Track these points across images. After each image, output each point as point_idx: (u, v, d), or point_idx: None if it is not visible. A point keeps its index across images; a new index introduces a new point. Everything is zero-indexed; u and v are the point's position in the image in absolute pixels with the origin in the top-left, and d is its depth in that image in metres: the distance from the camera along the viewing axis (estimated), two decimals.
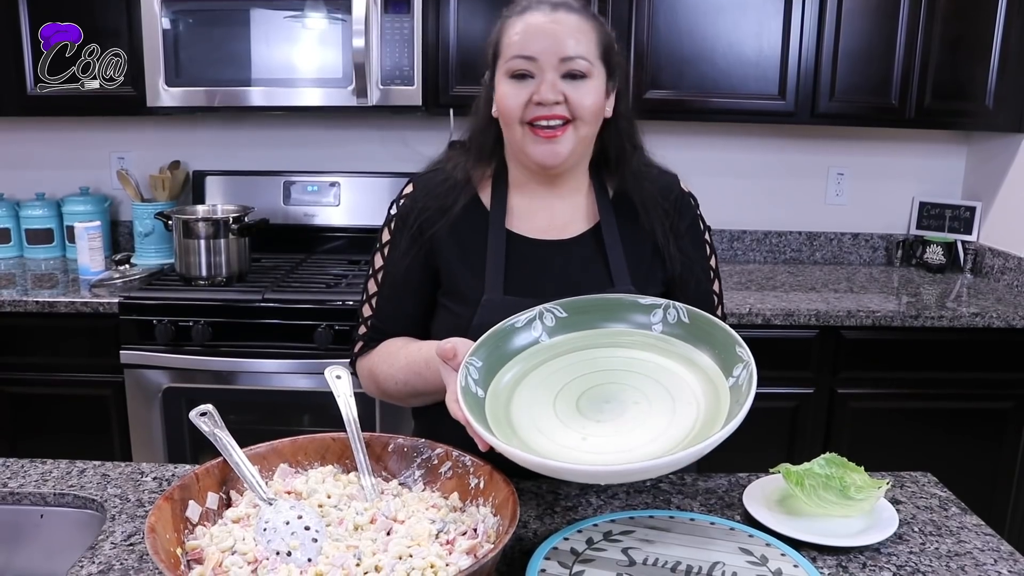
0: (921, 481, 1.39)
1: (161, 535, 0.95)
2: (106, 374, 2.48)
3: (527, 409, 1.09)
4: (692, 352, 1.13)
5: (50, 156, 3.13)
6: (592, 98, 1.28)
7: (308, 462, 1.16)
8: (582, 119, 1.28)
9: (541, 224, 1.38)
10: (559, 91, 1.25)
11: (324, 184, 3.00)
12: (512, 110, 1.28)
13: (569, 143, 1.29)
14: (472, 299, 1.32)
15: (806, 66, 2.70)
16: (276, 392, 2.47)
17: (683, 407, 1.06)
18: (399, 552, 0.95)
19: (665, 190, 1.41)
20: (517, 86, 1.27)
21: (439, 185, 1.39)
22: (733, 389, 1.03)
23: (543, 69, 1.26)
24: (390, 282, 1.41)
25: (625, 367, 1.13)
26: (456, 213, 1.36)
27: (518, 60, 1.27)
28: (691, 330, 1.14)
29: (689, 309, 1.16)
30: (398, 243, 1.40)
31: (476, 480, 1.10)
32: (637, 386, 1.10)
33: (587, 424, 1.05)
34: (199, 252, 2.59)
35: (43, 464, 1.37)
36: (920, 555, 1.15)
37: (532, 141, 1.28)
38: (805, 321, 2.48)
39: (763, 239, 3.20)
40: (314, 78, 2.62)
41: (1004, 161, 2.96)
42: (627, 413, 1.06)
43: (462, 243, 1.36)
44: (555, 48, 1.25)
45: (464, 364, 1.09)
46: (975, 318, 2.49)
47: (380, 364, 1.38)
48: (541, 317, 1.19)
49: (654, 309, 1.18)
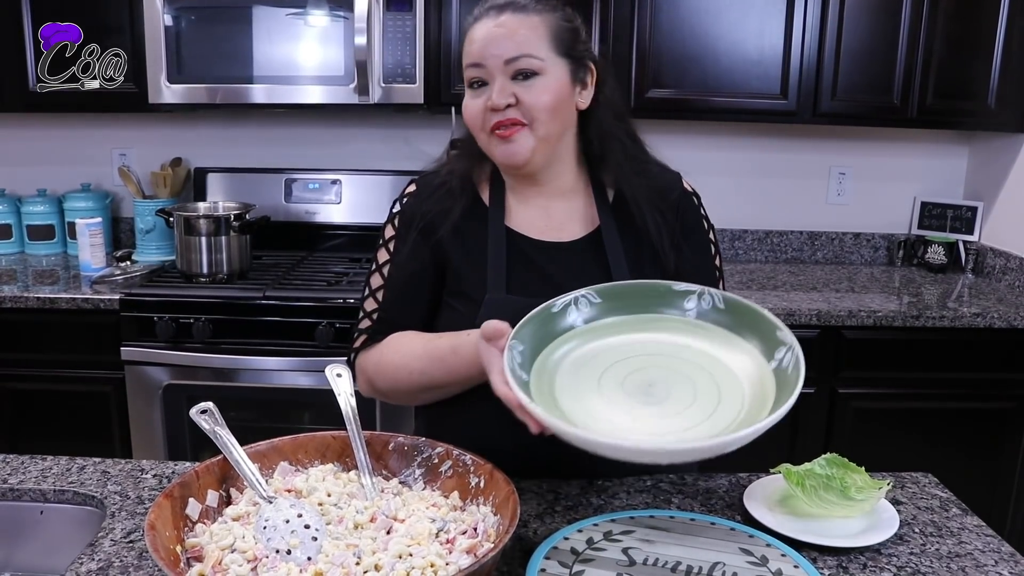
0: (922, 482, 1.39)
1: (161, 532, 0.95)
2: (107, 371, 2.48)
3: (572, 391, 1.09)
4: (730, 337, 1.12)
5: (52, 152, 3.13)
6: (547, 95, 1.27)
7: (308, 460, 1.16)
8: (536, 118, 1.27)
9: (539, 224, 1.37)
10: (509, 94, 1.26)
11: (325, 182, 3.00)
12: (473, 119, 1.31)
13: (527, 142, 1.28)
14: (475, 298, 1.32)
15: (808, 65, 2.70)
16: (277, 390, 2.47)
17: (728, 389, 1.06)
18: (399, 551, 0.95)
19: (666, 189, 1.39)
20: (474, 95, 1.30)
21: (440, 187, 1.39)
22: (777, 372, 1.03)
23: (492, 75, 1.28)
24: (398, 276, 1.40)
25: (665, 352, 1.14)
26: (458, 214, 1.36)
27: (471, 69, 1.30)
28: (727, 316, 1.14)
29: (724, 295, 1.16)
30: (404, 240, 1.39)
31: (476, 479, 1.10)
32: (679, 369, 1.10)
33: (635, 405, 1.06)
34: (200, 249, 2.59)
35: (43, 461, 1.37)
36: (921, 556, 1.15)
37: (495, 144, 1.30)
38: (806, 321, 2.47)
39: (764, 238, 3.20)
40: (316, 75, 2.62)
41: (1006, 161, 2.96)
42: (673, 395, 1.07)
43: (465, 242, 1.36)
44: (498, 51, 1.26)
45: (508, 347, 1.08)
46: (976, 318, 2.49)
47: (391, 355, 1.35)
48: (576, 303, 1.19)
49: (688, 295, 1.18)
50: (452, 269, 1.37)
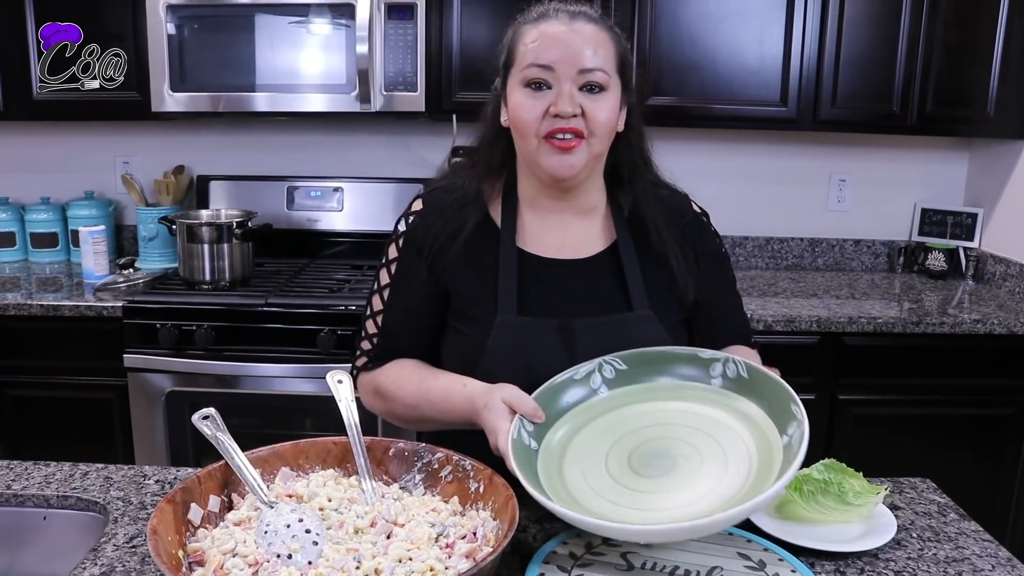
0: (920, 487, 1.39)
1: (163, 537, 0.96)
2: (109, 377, 2.49)
3: (579, 463, 1.09)
4: (749, 407, 1.12)
5: (55, 160, 3.15)
6: (608, 112, 1.25)
7: (309, 466, 1.17)
8: (596, 135, 1.25)
9: (554, 243, 1.35)
10: (577, 103, 1.22)
11: (327, 189, 3.01)
12: (528, 122, 1.24)
13: (583, 156, 1.25)
14: (485, 321, 1.29)
15: (808, 73, 2.71)
16: (279, 396, 2.47)
17: (735, 463, 1.05)
18: (399, 555, 0.96)
19: (677, 212, 1.39)
20: (533, 97, 1.24)
21: (450, 205, 1.35)
22: (786, 448, 1.02)
23: (560, 79, 1.22)
24: (399, 303, 1.37)
25: (681, 421, 1.13)
26: (467, 235, 1.33)
27: (534, 69, 1.23)
28: (749, 385, 1.14)
29: (748, 364, 1.15)
30: (407, 263, 1.36)
31: (476, 484, 1.10)
32: (690, 440, 1.10)
33: (638, 480, 1.06)
34: (203, 256, 2.60)
35: (46, 467, 1.38)
36: (918, 561, 1.15)
37: (547, 153, 1.25)
38: (807, 327, 2.48)
39: (765, 245, 3.21)
40: (318, 84, 2.64)
41: (1006, 168, 2.97)
42: (678, 468, 1.06)
43: (473, 263, 1.33)
44: (573, 58, 1.22)
45: (517, 418, 1.09)
46: (976, 324, 2.50)
47: (387, 384, 1.36)
48: (600, 369, 1.20)
49: (714, 363, 1.18)
50: (459, 292, 1.34)
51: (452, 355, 1.35)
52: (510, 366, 1.27)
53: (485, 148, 1.37)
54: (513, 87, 1.27)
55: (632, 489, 1.04)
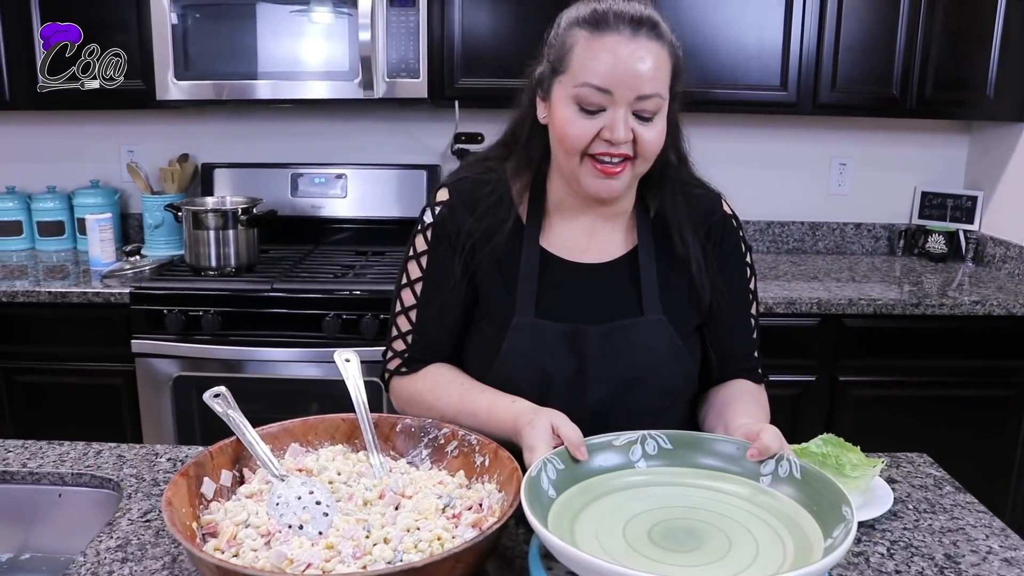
0: (917, 461, 1.42)
1: (177, 509, 0.98)
2: (117, 363, 2.52)
3: (595, 524, 1.02)
4: (796, 510, 1.04)
5: (61, 150, 3.17)
6: (658, 136, 1.21)
7: (318, 442, 1.20)
8: (644, 157, 1.22)
9: (579, 245, 1.33)
10: (629, 130, 1.18)
11: (331, 176, 3.03)
12: (578, 141, 1.20)
13: (627, 179, 1.23)
14: (503, 321, 1.29)
15: (807, 57, 2.73)
16: (285, 380, 2.50)
17: (767, 557, 0.96)
18: (407, 525, 0.98)
19: (706, 212, 1.36)
20: (586, 117, 1.19)
21: (484, 199, 1.31)
22: (827, 549, 0.94)
23: (617, 103, 1.17)
24: (435, 300, 1.33)
25: (716, 508, 1.06)
26: (505, 235, 1.29)
27: (590, 90, 1.17)
28: (801, 486, 1.06)
29: (803, 465, 1.07)
30: (440, 258, 1.33)
31: (481, 458, 1.13)
32: (722, 527, 1.02)
33: (656, 551, 0.97)
34: (208, 243, 2.63)
35: (60, 446, 1.41)
36: (914, 531, 1.18)
37: (590, 174, 1.22)
38: (807, 309, 2.50)
39: (766, 229, 3.23)
40: (321, 71, 2.66)
41: (1005, 150, 2.98)
42: (702, 548, 0.98)
43: (500, 261, 1.31)
44: (634, 84, 1.16)
45: (543, 460, 1.05)
46: (975, 306, 2.52)
47: (426, 394, 1.32)
48: (643, 443, 1.14)
49: (767, 460, 1.10)
50: (483, 287, 1.32)
51: (473, 355, 1.34)
52: (525, 371, 1.28)
53: (522, 144, 1.32)
54: (562, 96, 1.21)
55: (647, 557, 0.96)
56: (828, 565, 0.87)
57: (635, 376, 1.29)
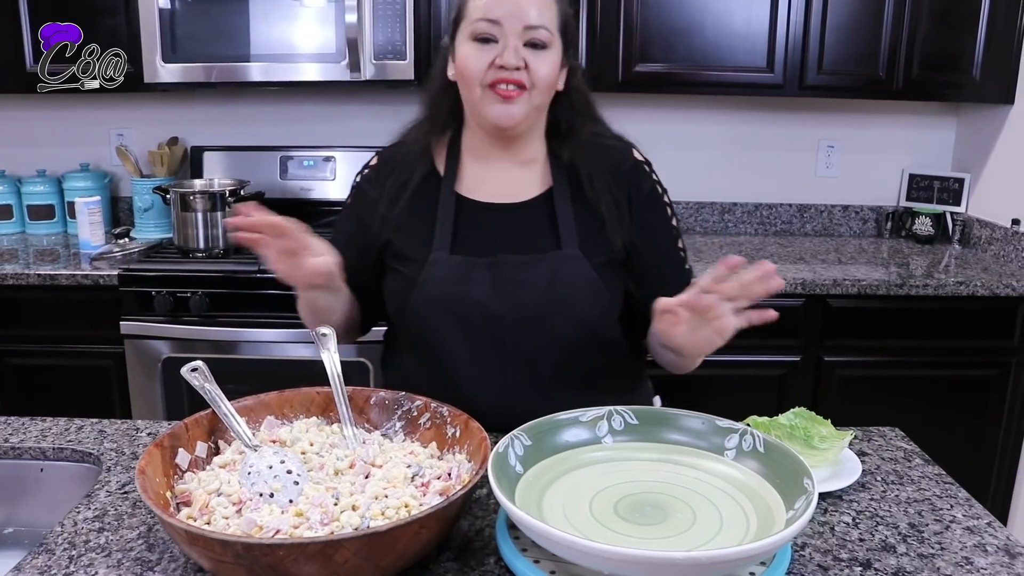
0: (888, 435, 1.44)
1: (151, 478, 1.00)
2: (107, 345, 2.54)
3: (562, 498, 1.04)
4: (759, 482, 1.06)
5: (50, 133, 3.18)
6: (548, 68, 1.33)
7: (294, 414, 1.22)
8: (537, 88, 1.33)
9: (493, 189, 1.42)
10: (521, 57, 1.30)
11: (319, 159, 3.04)
12: (474, 72, 1.32)
13: (523, 107, 1.33)
14: (420, 259, 1.37)
15: (794, 38, 2.73)
16: (274, 361, 2.52)
17: (730, 529, 0.99)
18: (375, 493, 1.00)
19: (618, 160, 1.44)
20: (480, 49, 1.32)
21: (402, 159, 1.45)
22: (789, 521, 0.96)
23: (507, 34, 1.31)
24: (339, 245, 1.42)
25: (680, 483, 1.08)
26: (413, 187, 1.41)
27: (483, 23, 1.31)
28: (764, 459, 1.08)
29: (766, 439, 1.10)
30: (348, 213, 1.49)
31: (453, 429, 1.15)
32: (687, 501, 1.04)
33: (621, 524, 0.99)
34: (196, 225, 2.64)
35: (43, 421, 1.43)
36: (880, 501, 1.20)
37: (490, 102, 1.33)
38: (791, 290, 2.52)
39: (754, 211, 3.24)
40: (309, 53, 2.66)
41: (992, 132, 2.99)
42: (667, 522, 1.00)
43: (415, 209, 1.41)
44: (520, 15, 1.30)
45: (510, 436, 1.08)
46: (960, 287, 2.53)
47: None
48: (609, 418, 1.16)
49: (730, 434, 1.13)
50: (396, 237, 1.41)
51: (390, 293, 1.44)
52: (440, 299, 1.35)
53: (433, 103, 1.45)
54: (461, 41, 1.35)
55: (613, 531, 0.98)
56: (790, 536, 0.90)
57: (552, 304, 1.35)
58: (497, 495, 0.94)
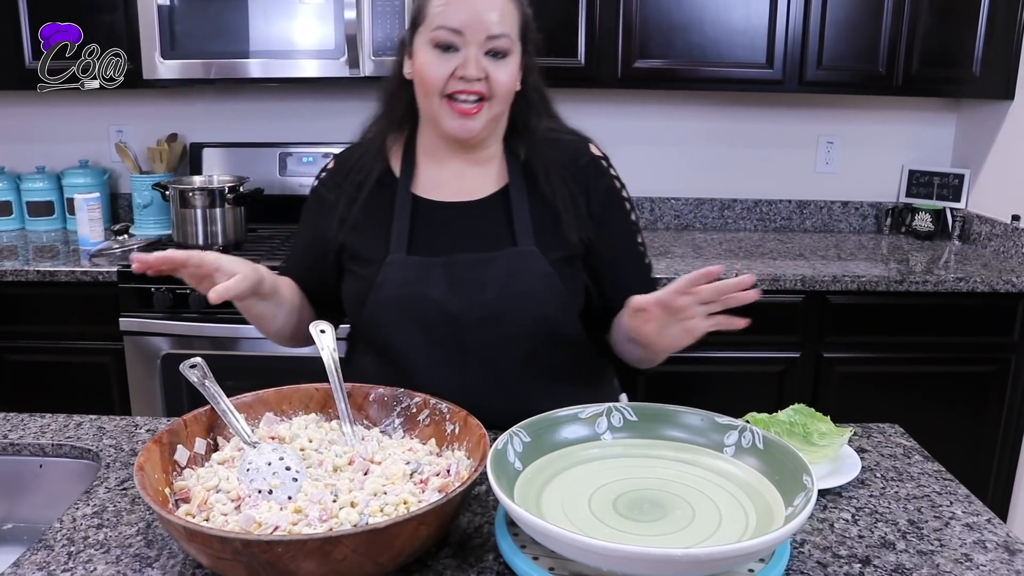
0: (888, 432, 1.44)
1: (150, 474, 1.00)
2: (106, 341, 2.54)
3: (561, 494, 1.04)
4: (758, 479, 1.06)
5: (50, 130, 3.17)
6: (508, 76, 1.32)
7: (292, 411, 1.22)
8: (497, 96, 1.32)
9: (449, 188, 1.41)
10: (482, 68, 1.29)
11: (318, 155, 3.04)
12: (434, 82, 1.30)
13: (483, 119, 1.32)
14: (376, 261, 1.36)
15: (793, 34, 2.72)
16: (272, 358, 2.51)
17: (729, 526, 0.99)
18: (374, 489, 1.00)
19: (575, 156, 1.43)
20: (440, 57, 1.29)
21: (357, 161, 1.44)
22: (788, 517, 0.95)
23: (468, 44, 1.29)
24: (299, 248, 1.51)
25: (680, 479, 1.08)
26: (369, 188, 1.40)
27: (443, 31, 1.29)
28: (764, 456, 1.08)
29: (765, 436, 1.10)
30: (307, 216, 1.49)
31: (452, 426, 1.15)
32: (686, 498, 1.04)
33: (620, 521, 1.00)
34: (196, 221, 2.64)
35: (42, 418, 1.43)
36: (880, 498, 1.20)
37: (448, 115, 1.32)
38: (791, 286, 2.52)
39: (753, 207, 3.24)
40: (307, 50, 2.66)
41: (992, 128, 2.99)
42: (666, 519, 1.00)
43: (371, 211, 1.40)
44: (482, 25, 1.28)
45: (509, 433, 1.07)
46: (959, 283, 2.53)
47: None
48: (608, 415, 1.16)
49: (729, 430, 1.13)
50: (350, 240, 1.41)
51: (347, 294, 1.43)
52: (398, 300, 1.34)
53: (389, 101, 1.44)
54: (420, 45, 1.32)
55: (611, 527, 0.98)
56: (789, 533, 0.89)
57: (510, 302, 1.34)
58: (496, 492, 0.94)
